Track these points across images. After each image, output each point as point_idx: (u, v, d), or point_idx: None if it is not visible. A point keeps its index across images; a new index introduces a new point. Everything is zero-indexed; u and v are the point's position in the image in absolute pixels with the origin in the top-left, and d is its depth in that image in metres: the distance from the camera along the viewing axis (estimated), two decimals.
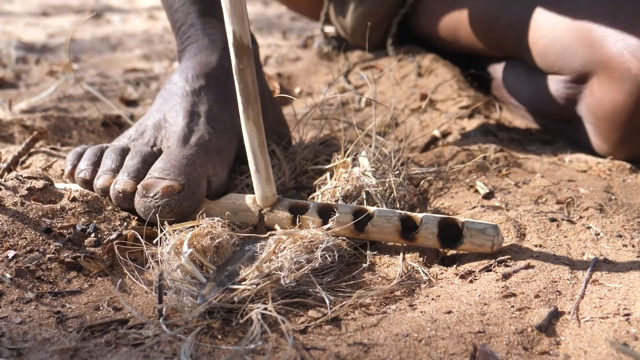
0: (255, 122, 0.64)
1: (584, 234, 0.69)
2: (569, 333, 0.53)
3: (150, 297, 0.60)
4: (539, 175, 0.85)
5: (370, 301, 0.59)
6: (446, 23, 1.20)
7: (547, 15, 0.97)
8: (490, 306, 0.56)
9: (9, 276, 0.61)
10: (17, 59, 1.57)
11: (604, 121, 0.90)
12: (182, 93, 0.82)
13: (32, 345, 0.52)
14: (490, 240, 0.64)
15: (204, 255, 0.61)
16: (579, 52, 0.91)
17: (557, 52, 0.95)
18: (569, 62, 0.93)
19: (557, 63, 0.95)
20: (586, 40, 0.90)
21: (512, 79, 1.12)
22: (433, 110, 1.11)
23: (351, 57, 1.41)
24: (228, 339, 0.53)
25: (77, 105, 1.19)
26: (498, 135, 1.04)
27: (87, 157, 0.76)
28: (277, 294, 0.58)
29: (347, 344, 0.52)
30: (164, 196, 0.68)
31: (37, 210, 0.68)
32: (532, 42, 0.99)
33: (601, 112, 0.89)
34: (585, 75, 0.91)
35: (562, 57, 0.94)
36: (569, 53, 0.93)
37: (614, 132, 0.89)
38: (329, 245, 0.63)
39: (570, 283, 0.61)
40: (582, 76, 0.92)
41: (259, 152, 0.65)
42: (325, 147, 0.94)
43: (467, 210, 0.76)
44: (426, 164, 0.88)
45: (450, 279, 0.63)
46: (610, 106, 0.88)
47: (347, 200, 0.74)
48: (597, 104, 0.90)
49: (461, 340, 0.51)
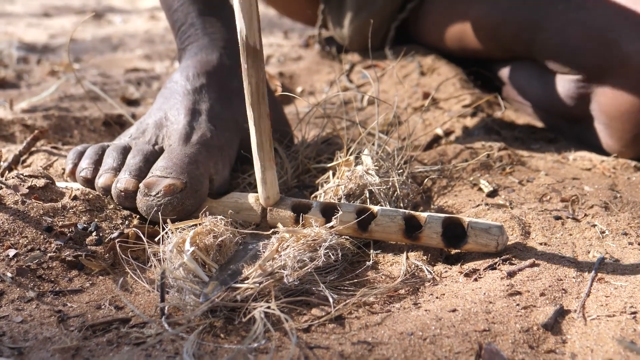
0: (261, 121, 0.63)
1: (589, 232, 0.69)
2: (575, 331, 0.53)
3: (152, 295, 0.60)
4: (543, 173, 0.84)
5: (374, 300, 0.59)
6: (449, 31, 1.20)
7: (557, 15, 0.97)
8: (496, 304, 0.56)
9: (10, 275, 0.60)
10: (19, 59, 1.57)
11: (617, 120, 0.89)
12: (183, 91, 0.81)
13: (34, 345, 0.52)
14: (495, 240, 0.64)
15: (207, 253, 0.60)
16: (592, 51, 0.91)
17: (569, 51, 0.94)
18: (581, 61, 0.92)
19: (568, 63, 0.94)
20: (600, 40, 0.90)
21: (522, 79, 1.11)
22: (436, 108, 1.11)
23: (353, 56, 1.40)
24: (231, 337, 0.53)
25: (78, 105, 1.18)
26: (501, 133, 1.03)
27: (88, 155, 0.75)
28: (280, 293, 0.57)
29: (351, 343, 0.51)
30: (167, 195, 0.67)
31: (38, 208, 0.67)
32: (543, 42, 0.98)
33: (615, 111, 0.89)
34: (598, 74, 0.91)
35: (574, 57, 0.93)
36: (582, 53, 0.92)
37: (628, 132, 0.89)
38: (332, 244, 0.62)
39: (576, 281, 0.60)
40: (594, 75, 0.91)
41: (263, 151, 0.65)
42: (328, 145, 0.94)
43: (471, 208, 0.75)
44: (429, 163, 0.87)
45: (455, 277, 0.62)
46: (624, 105, 0.88)
47: (350, 199, 0.73)
48: (610, 103, 0.90)
49: (466, 339, 0.51)
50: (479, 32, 1.12)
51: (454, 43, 1.20)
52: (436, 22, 1.24)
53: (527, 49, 1.03)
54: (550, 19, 0.97)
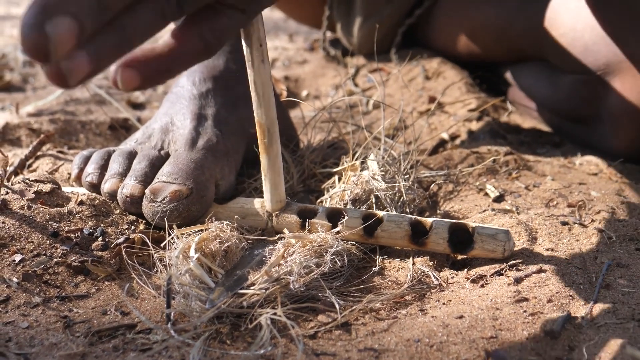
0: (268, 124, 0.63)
1: (596, 238, 0.68)
2: (583, 338, 0.53)
3: (158, 301, 0.60)
4: (549, 178, 0.84)
5: (380, 306, 0.59)
6: (458, 34, 1.20)
7: (567, 14, 0.96)
8: (503, 311, 0.55)
9: (15, 280, 0.60)
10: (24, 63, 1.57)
11: (624, 119, 0.89)
12: (189, 96, 0.81)
13: (39, 350, 0.52)
14: (502, 246, 0.63)
15: (213, 259, 0.60)
16: (603, 50, 0.90)
17: (578, 50, 0.94)
18: (591, 60, 0.92)
19: (579, 61, 0.94)
20: (611, 38, 0.90)
21: (530, 80, 1.11)
22: (441, 113, 1.11)
23: (358, 59, 1.40)
24: (237, 344, 0.53)
25: (84, 109, 1.18)
26: (507, 137, 1.03)
27: (94, 160, 0.75)
28: (286, 299, 0.57)
29: (358, 350, 0.51)
30: (172, 201, 0.67)
31: (44, 213, 0.67)
32: (553, 41, 0.98)
33: (623, 110, 0.89)
34: (607, 73, 0.90)
35: (584, 56, 0.93)
36: (592, 51, 0.92)
37: (634, 131, 0.89)
38: (339, 250, 0.62)
39: (583, 287, 0.60)
40: (604, 74, 0.91)
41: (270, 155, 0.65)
42: (334, 150, 0.94)
43: (478, 213, 0.75)
44: (435, 167, 0.87)
45: (462, 283, 0.62)
46: (633, 104, 0.87)
47: (356, 204, 0.73)
48: (620, 102, 0.89)
49: (473, 346, 0.51)
50: (488, 33, 1.12)
51: (463, 47, 1.20)
52: (445, 26, 1.24)
53: (537, 49, 1.03)
54: (562, 17, 0.97)
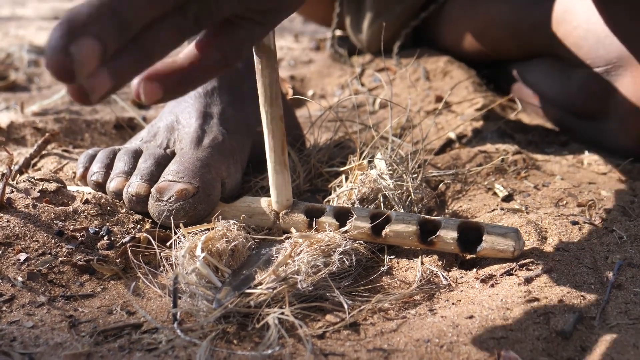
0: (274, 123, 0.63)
1: (607, 237, 0.68)
2: (594, 339, 0.52)
3: (165, 301, 0.59)
4: (558, 178, 0.83)
5: (389, 306, 0.58)
6: (468, 33, 1.19)
7: (581, 7, 0.96)
8: (513, 311, 0.55)
9: (20, 279, 0.60)
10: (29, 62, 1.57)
11: (634, 115, 0.88)
12: (195, 94, 0.81)
13: (44, 350, 0.51)
14: (512, 245, 0.62)
15: (220, 258, 0.59)
16: (615, 42, 0.90)
17: (591, 43, 0.93)
18: (603, 53, 0.91)
19: (591, 54, 0.93)
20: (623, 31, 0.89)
21: (539, 76, 1.10)
22: (448, 112, 1.10)
23: (364, 58, 1.39)
24: (244, 344, 0.52)
25: (89, 108, 1.18)
26: (515, 137, 1.02)
27: (99, 159, 0.75)
28: (294, 299, 0.56)
29: (367, 350, 0.50)
30: (179, 200, 0.67)
31: (49, 212, 0.67)
32: (565, 34, 0.97)
33: (633, 105, 0.88)
34: (619, 66, 0.90)
35: (597, 49, 0.92)
36: (604, 44, 0.91)
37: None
38: (347, 249, 0.61)
39: (595, 288, 0.59)
40: (615, 68, 0.90)
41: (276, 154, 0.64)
42: (340, 149, 0.93)
43: (487, 213, 0.74)
44: (443, 167, 0.86)
45: (471, 283, 0.61)
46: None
47: (364, 203, 0.72)
48: (629, 97, 0.88)
49: (484, 346, 0.50)
50: (499, 29, 1.11)
51: (472, 44, 1.19)
52: (455, 23, 1.23)
53: (548, 43, 1.02)
54: (575, 9, 0.96)
